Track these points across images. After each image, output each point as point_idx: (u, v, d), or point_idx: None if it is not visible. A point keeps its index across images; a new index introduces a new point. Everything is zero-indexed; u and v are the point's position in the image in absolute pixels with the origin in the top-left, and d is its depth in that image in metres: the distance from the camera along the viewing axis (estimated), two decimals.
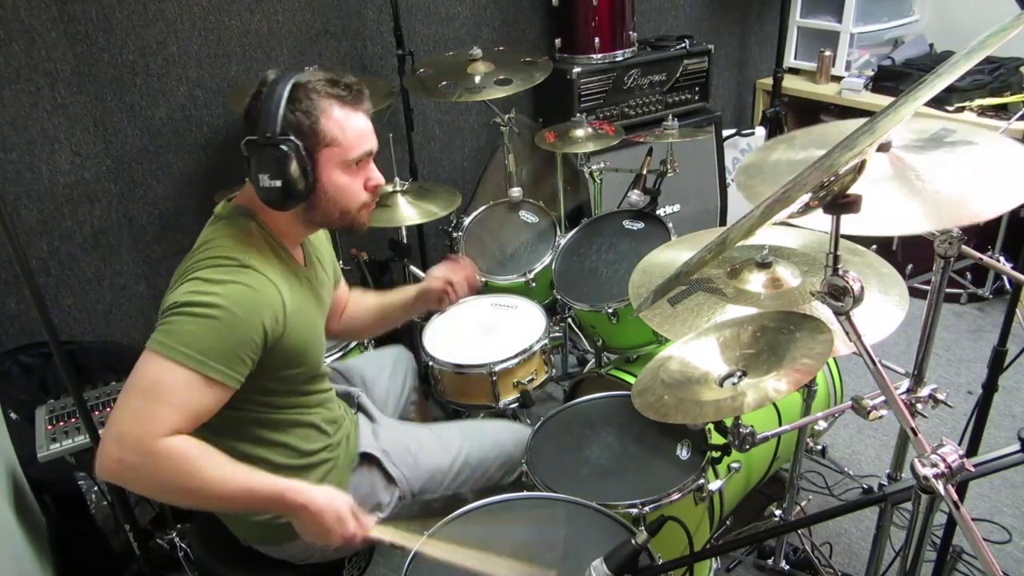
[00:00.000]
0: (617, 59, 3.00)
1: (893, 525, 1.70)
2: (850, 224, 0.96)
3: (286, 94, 1.20)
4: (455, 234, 2.49)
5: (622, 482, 1.50)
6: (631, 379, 1.88)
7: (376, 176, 1.33)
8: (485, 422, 1.79)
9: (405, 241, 2.39)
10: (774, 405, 1.88)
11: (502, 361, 1.93)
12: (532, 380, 2.00)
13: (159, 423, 1.13)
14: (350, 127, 1.26)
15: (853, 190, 0.91)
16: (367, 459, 1.51)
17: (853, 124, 1.27)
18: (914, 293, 1.56)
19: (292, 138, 1.20)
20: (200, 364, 1.14)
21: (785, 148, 1.33)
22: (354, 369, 1.82)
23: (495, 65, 2.40)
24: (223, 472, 1.18)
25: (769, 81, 3.51)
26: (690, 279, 1.51)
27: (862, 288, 0.94)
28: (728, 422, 1.25)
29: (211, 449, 1.18)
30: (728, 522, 2.03)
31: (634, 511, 1.42)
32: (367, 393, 1.73)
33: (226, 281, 1.19)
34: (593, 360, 2.29)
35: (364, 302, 1.75)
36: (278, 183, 1.20)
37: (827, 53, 3.49)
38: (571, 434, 1.65)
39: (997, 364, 1.53)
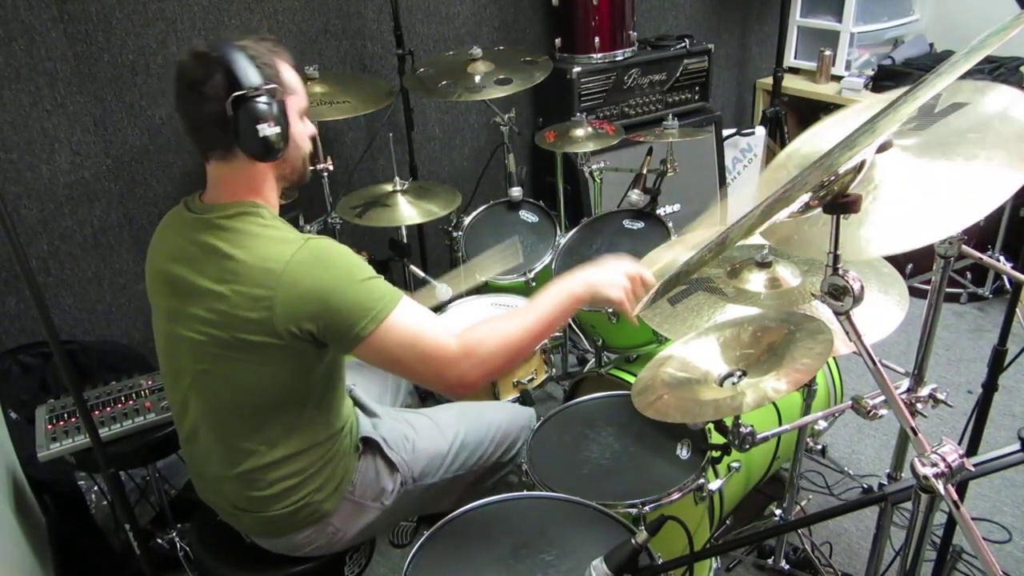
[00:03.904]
0: (617, 59, 3.00)
1: (893, 525, 1.70)
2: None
3: (243, 52, 1.22)
4: (455, 234, 2.49)
5: (622, 482, 1.50)
6: (631, 379, 1.88)
7: (312, 126, 1.39)
8: (480, 404, 1.80)
9: (405, 241, 2.39)
10: (774, 405, 1.88)
11: None
12: (532, 380, 2.00)
13: (442, 338, 1.27)
14: (295, 78, 1.32)
15: (853, 189, 0.91)
16: (369, 447, 1.52)
17: (838, 118, 1.26)
18: (914, 293, 1.56)
19: (275, 86, 1.24)
20: (398, 293, 1.27)
21: (785, 176, 1.31)
22: (350, 366, 1.82)
23: (495, 65, 2.40)
24: (520, 318, 1.33)
25: (769, 81, 3.51)
26: (690, 279, 1.52)
27: (862, 288, 0.93)
28: (728, 422, 1.25)
29: (489, 319, 1.35)
30: (728, 522, 2.03)
31: (634, 511, 1.42)
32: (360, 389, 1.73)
33: (327, 244, 1.27)
34: (593, 360, 2.29)
35: None
36: (277, 129, 1.23)
37: (827, 53, 3.49)
38: (571, 434, 1.65)
39: (997, 364, 1.53)
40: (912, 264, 2.90)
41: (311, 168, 1.43)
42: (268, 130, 1.22)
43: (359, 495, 1.48)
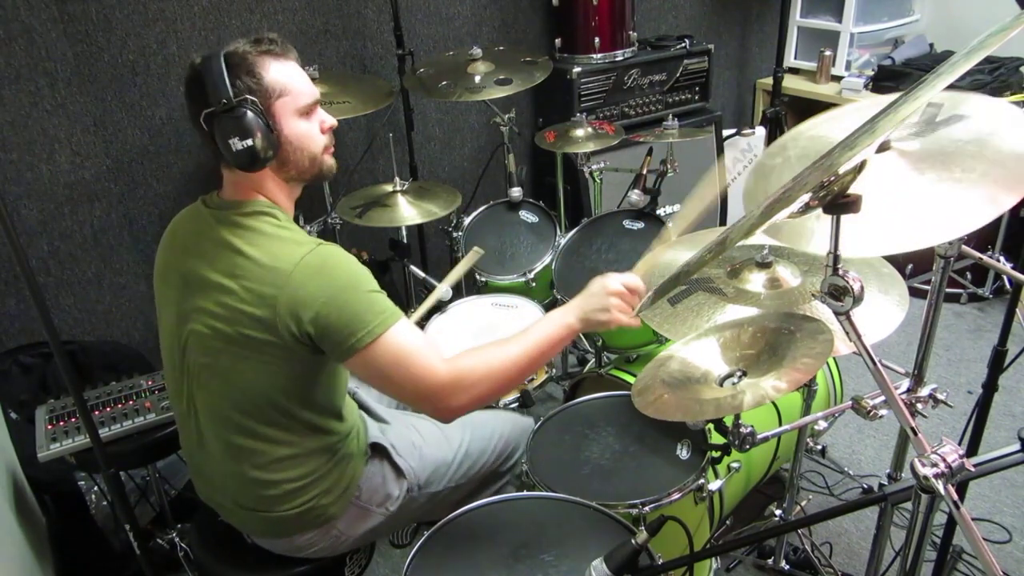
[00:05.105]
0: (617, 59, 3.00)
1: (893, 525, 1.70)
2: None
3: (224, 65, 1.23)
4: (455, 234, 2.49)
5: (622, 482, 1.50)
6: (631, 379, 1.88)
7: (328, 118, 1.38)
8: (484, 412, 1.80)
9: (405, 241, 2.39)
10: (774, 405, 1.88)
11: None
12: (532, 380, 2.00)
13: (433, 363, 1.28)
14: (291, 77, 1.31)
15: (853, 190, 0.91)
16: (377, 451, 1.52)
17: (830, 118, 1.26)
18: (914, 293, 1.56)
19: (247, 97, 1.24)
20: (399, 311, 1.28)
21: (782, 164, 1.32)
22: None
23: (495, 65, 2.40)
24: (510, 348, 1.34)
25: (769, 81, 3.51)
26: (690, 279, 1.51)
27: (862, 288, 0.93)
28: (728, 422, 1.25)
29: (482, 345, 1.36)
30: (728, 522, 2.03)
31: (634, 511, 1.42)
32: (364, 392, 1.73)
33: (337, 252, 1.28)
34: (593, 360, 2.28)
35: None
36: (249, 142, 1.23)
37: (827, 53, 3.49)
38: (571, 434, 1.65)
39: (997, 364, 1.53)
40: (912, 264, 2.91)
41: (330, 166, 1.41)
42: (241, 143, 1.22)
43: (365, 500, 1.48)
